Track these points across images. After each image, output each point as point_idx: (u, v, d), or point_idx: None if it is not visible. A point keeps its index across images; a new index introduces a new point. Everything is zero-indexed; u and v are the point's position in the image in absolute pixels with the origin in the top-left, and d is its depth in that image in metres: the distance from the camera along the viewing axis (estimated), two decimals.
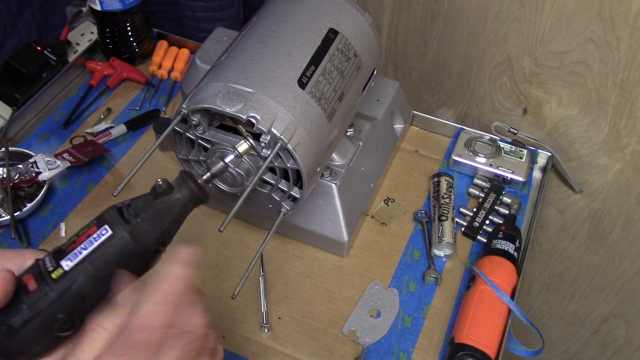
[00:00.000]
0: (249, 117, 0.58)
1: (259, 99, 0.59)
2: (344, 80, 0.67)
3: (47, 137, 0.95)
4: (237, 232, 0.83)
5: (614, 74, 0.84)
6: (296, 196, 0.66)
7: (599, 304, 1.20)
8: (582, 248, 1.11)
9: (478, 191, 0.87)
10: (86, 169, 0.90)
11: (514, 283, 0.74)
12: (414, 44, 0.96)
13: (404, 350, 0.72)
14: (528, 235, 0.83)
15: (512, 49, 0.89)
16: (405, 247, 0.82)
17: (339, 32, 0.67)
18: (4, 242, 0.81)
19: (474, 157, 0.90)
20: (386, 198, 0.88)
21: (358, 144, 0.81)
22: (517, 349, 0.75)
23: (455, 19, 0.89)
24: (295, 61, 0.63)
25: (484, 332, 0.69)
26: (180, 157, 0.68)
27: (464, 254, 0.82)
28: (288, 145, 0.59)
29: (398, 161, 0.93)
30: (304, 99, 0.61)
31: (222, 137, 0.63)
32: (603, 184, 0.99)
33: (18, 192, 0.84)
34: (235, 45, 0.66)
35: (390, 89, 0.90)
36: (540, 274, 1.21)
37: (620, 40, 0.80)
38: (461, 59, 0.94)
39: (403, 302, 0.77)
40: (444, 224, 0.81)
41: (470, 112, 1.01)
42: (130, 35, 1.02)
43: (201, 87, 0.62)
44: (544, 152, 0.94)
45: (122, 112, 0.99)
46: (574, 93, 0.89)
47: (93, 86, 1.01)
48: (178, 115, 0.62)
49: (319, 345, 0.73)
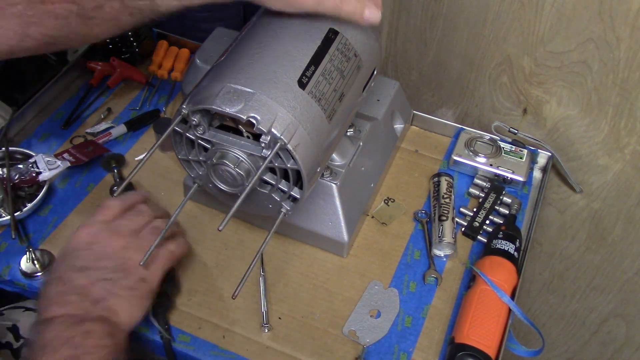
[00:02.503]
0: (249, 118, 0.58)
1: (259, 99, 0.59)
2: (344, 80, 0.67)
3: (47, 137, 0.95)
4: (237, 232, 0.83)
5: (614, 74, 0.84)
6: (296, 196, 0.66)
7: (599, 304, 1.20)
8: (582, 248, 1.11)
9: (478, 191, 0.87)
10: (86, 169, 0.90)
11: (514, 283, 0.74)
12: (414, 44, 0.96)
13: (404, 350, 0.72)
14: (528, 235, 0.83)
15: (512, 49, 0.89)
16: (406, 247, 0.82)
17: (339, 32, 0.67)
18: (4, 242, 0.81)
19: (474, 157, 0.90)
20: (386, 198, 0.88)
21: (358, 144, 0.81)
22: (517, 349, 0.75)
23: (455, 19, 0.89)
24: (295, 61, 0.62)
25: (484, 332, 0.69)
26: (180, 157, 0.68)
27: (464, 254, 0.82)
28: (288, 146, 0.59)
29: (398, 161, 0.93)
30: (304, 99, 0.61)
31: (222, 138, 0.63)
32: (603, 184, 0.99)
33: (18, 192, 0.84)
34: (236, 45, 0.66)
35: (390, 89, 0.90)
36: (540, 274, 1.21)
37: (620, 40, 0.80)
38: (461, 59, 0.94)
39: (403, 302, 0.77)
40: (444, 224, 0.81)
41: (470, 112, 1.01)
42: (130, 35, 1.02)
43: (201, 87, 0.62)
44: (544, 152, 0.94)
45: (122, 112, 0.99)
46: (574, 93, 0.89)
47: (93, 86, 1.01)
48: (178, 115, 0.62)
49: (319, 345, 0.73)
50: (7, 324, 0.91)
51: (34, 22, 0.56)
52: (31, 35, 0.58)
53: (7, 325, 0.90)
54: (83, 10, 0.57)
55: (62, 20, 0.57)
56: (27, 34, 0.57)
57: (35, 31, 0.57)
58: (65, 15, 0.57)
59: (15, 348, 0.89)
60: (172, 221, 0.67)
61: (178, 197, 0.85)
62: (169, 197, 0.86)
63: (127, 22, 0.60)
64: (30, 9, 0.56)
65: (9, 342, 0.88)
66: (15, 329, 0.90)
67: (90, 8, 0.57)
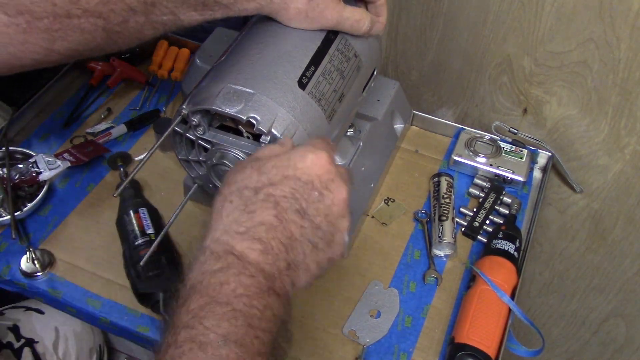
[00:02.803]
0: (249, 118, 0.58)
1: (259, 100, 0.59)
2: (344, 80, 0.67)
3: (47, 137, 0.95)
4: None
5: (614, 74, 0.84)
6: None
7: (599, 304, 1.20)
8: (582, 248, 1.11)
9: (478, 191, 0.87)
10: (86, 169, 0.90)
11: (514, 283, 0.74)
12: (414, 44, 0.96)
13: (404, 350, 0.72)
14: (528, 235, 0.83)
15: (512, 49, 0.89)
16: (406, 247, 0.82)
17: (339, 32, 0.67)
18: (4, 242, 0.81)
19: (474, 157, 0.90)
20: (386, 198, 0.88)
21: (358, 144, 0.81)
22: (517, 349, 0.75)
23: (455, 19, 0.89)
24: (295, 62, 0.62)
25: (484, 332, 0.69)
26: (181, 157, 0.68)
27: (464, 254, 0.82)
28: None
29: (398, 161, 0.93)
30: (304, 100, 0.61)
31: (222, 138, 0.63)
32: (603, 184, 0.99)
33: (18, 192, 0.84)
34: (235, 45, 0.66)
35: (390, 89, 0.90)
36: (540, 274, 1.21)
37: (620, 40, 0.80)
38: (461, 59, 0.94)
39: (403, 302, 0.77)
40: (444, 224, 0.81)
41: (470, 112, 1.01)
42: None
43: (201, 87, 0.62)
44: (544, 152, 0.94)
45: (122, 112, 0.99)
46: (573, 93, 0.89)
47: (93, 86, 1.01)
48: (178, 115, 0.62)
49: (319, 345, 0.73)
50: (8, 323, 0.91)
51: (60, 36, 0.56)
52: (56, 50, 0.57)
53: (7, 325, 0.90)
54: (109, 25, 0.56)
55: (88, 34, 0.56)
56: (53, 49, 0.57)
57: (61, 45, 0.56)
58: (91, 30, 0.56)
59: (16, 348, 0.89)
60: (171, 221, 0.67)
61: (178, 197, 0.85)
62: (169, 197, 0.86)
63: (150, 35, 0.60)
64: (56, 23, 0.55)
65: (10, 342, 0.88)
66: (15, 328, 0.91)
67: (116, 23, 0.56)
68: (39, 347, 0.89)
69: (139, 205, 0.81)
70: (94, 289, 0.77)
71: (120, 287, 0.77)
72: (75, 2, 0.54)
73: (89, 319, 0.77)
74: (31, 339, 0.89)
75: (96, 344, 1.01)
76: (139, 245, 0.76)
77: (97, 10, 0.55)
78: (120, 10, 0.56)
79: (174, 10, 0.58)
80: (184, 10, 0.58)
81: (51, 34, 0.55)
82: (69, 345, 0.93)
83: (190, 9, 0.58)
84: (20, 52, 0.56)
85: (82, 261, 0.79)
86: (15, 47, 0.56)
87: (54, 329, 0.93)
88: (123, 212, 0.80)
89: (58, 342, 0.92)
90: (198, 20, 0.60)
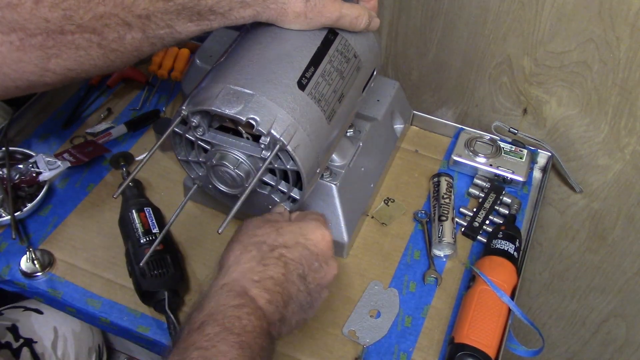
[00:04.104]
0: (249, 119, 0.58)
1: (258, 101, 0.59)
2: (343, 81, 0.67)
3: (47, 137, 0.95)
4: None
5: (614, 74, 0.84)
6: (296, 197, 0.66)
7: (599, 304, 1.20)
8: (582, 248, 1.11)
9: (478, 191, 0.87)
10: (86, 169, 0.90)
11: (514, 283, 0.74)
12: (414, 44, 0.96)
13: (404, 350, 0.72)
14: (528, 235, 0.83)
15: (512, 49, 0.89)
16: (405, 247, 0.82)
17: (338, 33, 0.67)
18: (4, 242, 0.81)
19: (474, 157, 0.90)
20: (386, 198, 0.88)
21: (358, 144, 0.81)
22: (517, 349, 0.75)
23: (455, 18, 0.89)
24: (294, 62, 0.62)
25: (484, 332, 0.69)
26: (180, 158, 0.68)
27: (464, 254, 0.82)
28: (288, 147, 0.59)
29: (398, 161, 0.93)
30: (303, 101, 0.61)
31: (221, 139, 0.63)
32: (603, 184, 0.99)
33: (18, 192, 0.84)
34: (235, 46, 0.66)
35: (390, 89, 0.90)
36: (540, 274, 1.21)
37: (620, 40, 0.80)
38: (461, 59, 0.94)
39: (403, 302, 0.77)
40: (444, 224, 0.81)
41: (470, 112, 1.01)
42: None
43: (201, 88, 0.62)
44: (544, 152, 0.94)
45: (122, 112, 0.99)
46: (573, 93, 0.89)
47: (93, 86, 1.01)
48: (178, 116, 0.62)
49: (319, 345, 0.73)
50: (7, 323, 0.91)
51: (54, 54, 0.55)
52: (51, 69, 0.56)
53: (6, 325, 0.90)
54: (105, 42, 0.56)
55: (83, 51, 0.55)
56: (48, 68, 0.56)
57: (56, 64, 0.56)
58: (86, 47, 0.55)
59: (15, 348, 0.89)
60: (172, 221, 0.67)
61: (178, 197, 0.85)
62: (169, 197, 0.86)
63: (148, 51, 0.59)
64: (50, 39, 0.54)
65: (9, 342, 0.89)
66: (14, 328, 0.91)
67: (112, 39, 0.56)
68: (38, 347, 0.89)
69: (143, 204, 0.81)
70: (93, 289, 0.77)
71: (120, 287, 0.77)
72: (69, 17, 0.53)
73: (88, 319, 0.77)
74: (30, 339, 0.89)
75: (95, 344, 1.01)
76: (144, 243, 0.76)
77: (91, 25, 0.54)
78: (115, 25, 0.55)
79: (170, 23, 0.57)
80: (180, 22, 0.57)
81: (45, 51, 0.55)
82: (67, 345, 0.93)
83: (186, 21, 0.57)
84: (14, 73, 0.56)
85: (82, 261, 0.79)
86: (9, 66, 0.55)
87: (53, 329, 0.93)
88: (126, 210, 0.80)
89: (57, 342, 0.92)
90: (195, 32, 0.59)
